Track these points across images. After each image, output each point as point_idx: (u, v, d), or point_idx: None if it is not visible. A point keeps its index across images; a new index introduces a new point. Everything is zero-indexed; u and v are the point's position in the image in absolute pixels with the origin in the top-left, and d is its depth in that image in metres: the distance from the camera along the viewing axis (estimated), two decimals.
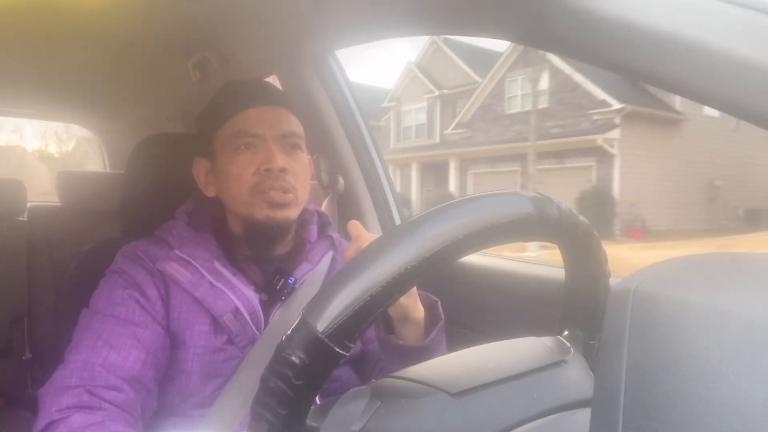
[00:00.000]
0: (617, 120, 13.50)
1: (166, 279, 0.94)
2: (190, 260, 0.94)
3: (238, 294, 0.93)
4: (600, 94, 13.78)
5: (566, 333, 0.64)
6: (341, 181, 1.51)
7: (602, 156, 13.75)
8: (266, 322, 0.95)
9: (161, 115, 2.02)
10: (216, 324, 0.92)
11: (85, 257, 1.20)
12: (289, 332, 0.45)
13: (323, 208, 1.48)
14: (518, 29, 0.77)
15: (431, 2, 0.91)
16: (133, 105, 2.06)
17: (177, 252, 0.95)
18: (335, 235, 1.09)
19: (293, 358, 0.44)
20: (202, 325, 0.92)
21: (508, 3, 0.74)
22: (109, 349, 0.86)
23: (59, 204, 1.74)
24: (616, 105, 13.48)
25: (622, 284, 0.35)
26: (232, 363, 0.93)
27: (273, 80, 1.51)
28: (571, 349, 0.61)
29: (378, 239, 0.47)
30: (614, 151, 13.55)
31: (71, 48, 1.47)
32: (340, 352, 0.44)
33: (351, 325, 0.44)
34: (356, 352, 1.04)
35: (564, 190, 12.31)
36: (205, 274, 0.93)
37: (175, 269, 0.93)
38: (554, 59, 13.96)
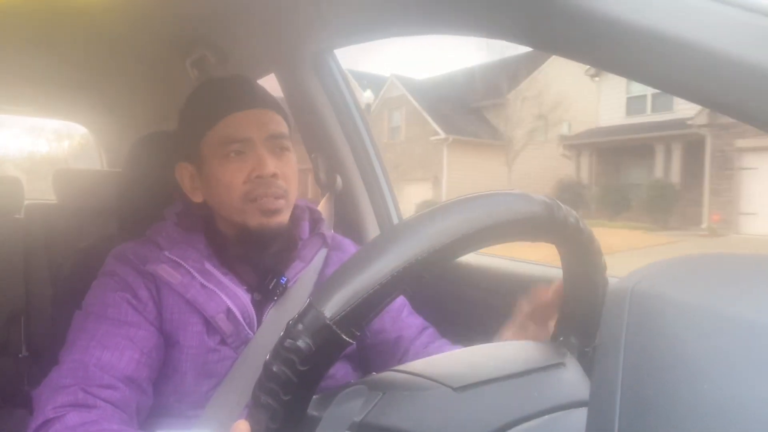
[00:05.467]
0: None
1: (156, 280, 0.93)
2: (180, 261, 0.94)
3: (230, 294, 0.93)
4: None
5: (561, 339, 0.64)
6: (339, 180, 1.51)
7: None
8: (259, 322, 0.95)
9: (159, 113, 2.01)
10: (209, 325, 0.92)
11: (82, 255, 1.19)
12: (295, 317, 0.45)
13: (320, 207, 1.48)
14: (518, 29, 0.77)
15: (430, 2, 0.91)
16: (131, 103, 2.06)
17: (167, 253, 0.95)
18: (328, 232, 1.08)
19: (299, 343, 0.44)
20: (195, 325, 0.92)
21: (508, 3, 0.74)
22: (102, 349, 0.86)
23: (56, 202, 1.74)
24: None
25: (619, 284, 0.35)
26: (226, 363, 0.92)
27: (270, 79, 1.51)
28: (568, 353, 0.61)
29: (386, 232, 0.47)
30: None
31: (69, 45, 1.46)
32: (347, 339, 0.45)
33: (359, 313, 0.44)
34: (352, 348, 1.04)
35: None
36: (196, 275, 0.93)
37: (165, 271, 0.93)
38: None
